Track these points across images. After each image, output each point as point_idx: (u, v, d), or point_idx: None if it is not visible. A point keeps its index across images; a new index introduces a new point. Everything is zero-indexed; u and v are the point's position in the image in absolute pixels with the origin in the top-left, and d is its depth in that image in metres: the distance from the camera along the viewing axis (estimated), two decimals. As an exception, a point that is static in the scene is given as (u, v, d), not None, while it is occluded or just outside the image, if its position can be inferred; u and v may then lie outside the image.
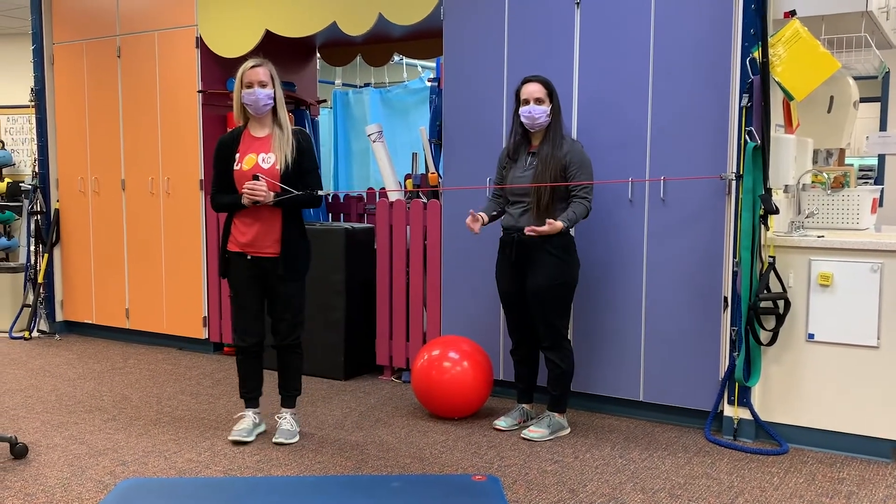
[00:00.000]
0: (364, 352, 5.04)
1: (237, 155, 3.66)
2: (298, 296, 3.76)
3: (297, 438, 3.81)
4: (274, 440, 3.76)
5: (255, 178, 3.56)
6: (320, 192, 3.69)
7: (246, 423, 3.84)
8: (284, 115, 3.67)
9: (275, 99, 3.64)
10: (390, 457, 3.60)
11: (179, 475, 3.37)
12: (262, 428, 3.91)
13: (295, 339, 3.78)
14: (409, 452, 3.66)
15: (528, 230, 3.65)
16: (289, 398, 3.87)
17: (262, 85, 3.60)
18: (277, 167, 3.60)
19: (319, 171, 3.77)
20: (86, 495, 3.16)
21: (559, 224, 3.61)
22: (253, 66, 3.61)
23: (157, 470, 3.44)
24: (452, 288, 4.61)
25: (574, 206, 3.70)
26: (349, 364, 4.95)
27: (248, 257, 3.69)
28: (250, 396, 3.88)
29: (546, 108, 3.73)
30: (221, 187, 3.72)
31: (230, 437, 3.78)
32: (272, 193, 3.58)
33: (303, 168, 3.66)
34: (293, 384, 3.85)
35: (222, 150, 3.72)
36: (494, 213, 3.96)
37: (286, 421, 3.83)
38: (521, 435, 3.86)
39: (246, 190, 3.57)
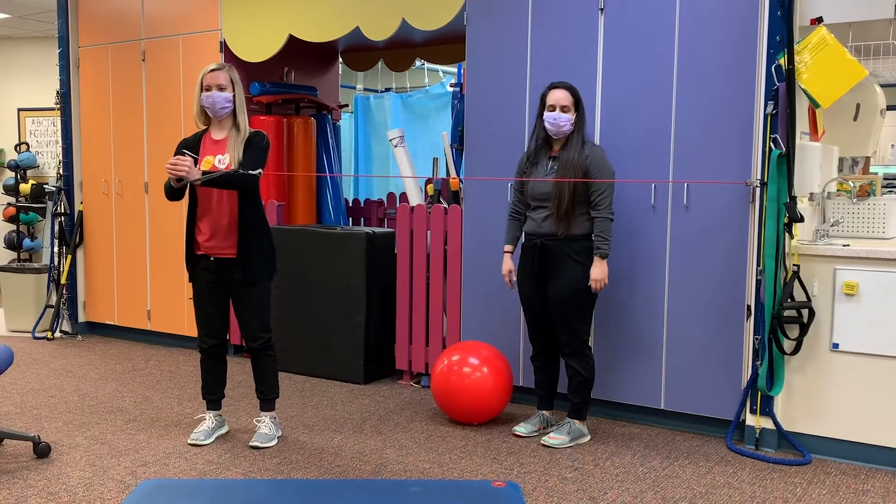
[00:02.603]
0: (384, 356, 5.04)
1: (197, 158, 3.67)
2: (261, 299, 3.73)
3: (273, 442, 3.79)
4: (250, 444, 3.75)
5: (183, 154, 3.52)
6: (252, 172, 3.54)
7: (204, 425, 3.86)
8: (243, 119, 3.68)
9: (234, 103, 3.66)
10: (409, 461, 3.59)
11: (200, 476, 3.39)
12: (223, 430, 3.92)
13: (264, 343, 3.76)
14: (429, 457, 3.65)
15: (592, 284, 3.70)
16: (266, 402, 3.86)
17: (221, 88, 3.61)
18: (233, 167, 3.60)
19: (263, 159, 3.63)
20: (107, 495, 3.18)
21: (604, 265, 3.69)
22: (213, 70, 3.62)
23: (178, 471, 3.45)
24: (473, 293, 4.60)
25: (600, 228, 3.67)
26: (369, 368, 4.96)
27: (211, 259, 3.69)
28: (211, 398, 3.89)
29: (571, 116, 3.72)
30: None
31: (188, 441, 3.80)
32: (200, 171, 3.53)
33: (246, 154, 3.62)
34: (269, 387, 3.84)
35: (183, 152, 3.72)
36: (517, 234, 3.97)
37: (264, 425, 3.83)
38: (541, 441, 3.84)
39: (169, 165, 3.45)
